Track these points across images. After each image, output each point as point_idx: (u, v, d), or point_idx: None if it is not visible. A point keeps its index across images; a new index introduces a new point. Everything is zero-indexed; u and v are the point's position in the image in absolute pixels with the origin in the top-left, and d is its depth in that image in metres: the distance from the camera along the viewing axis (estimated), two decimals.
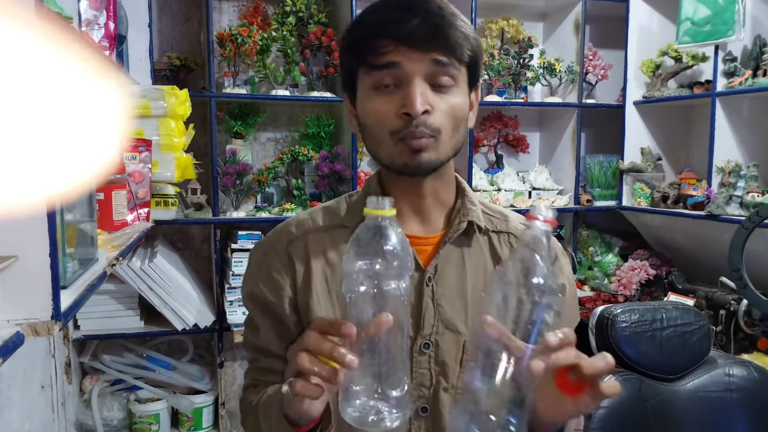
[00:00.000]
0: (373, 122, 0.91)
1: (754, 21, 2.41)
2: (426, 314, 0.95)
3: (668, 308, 1.44)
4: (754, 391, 1.39)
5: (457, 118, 0.91)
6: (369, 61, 0.89)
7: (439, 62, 0.88)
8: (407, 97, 0.87)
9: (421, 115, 0.87)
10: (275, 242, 1.02)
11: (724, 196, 2.38)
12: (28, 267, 0.76)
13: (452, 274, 0.97)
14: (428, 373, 0.95)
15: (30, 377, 1.58)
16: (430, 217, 1.00)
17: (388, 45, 0.87)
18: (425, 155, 0.90)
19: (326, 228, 1.00)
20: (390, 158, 0.92)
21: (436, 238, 0.99)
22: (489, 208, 1.05)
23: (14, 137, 0.44)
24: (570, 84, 2.90)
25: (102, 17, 1.53)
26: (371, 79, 0.90)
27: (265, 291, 1.00)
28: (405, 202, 0.98)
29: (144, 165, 1.91)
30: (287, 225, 1.04)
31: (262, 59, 2.47)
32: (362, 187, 1.06)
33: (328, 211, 1.03)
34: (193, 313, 2.28)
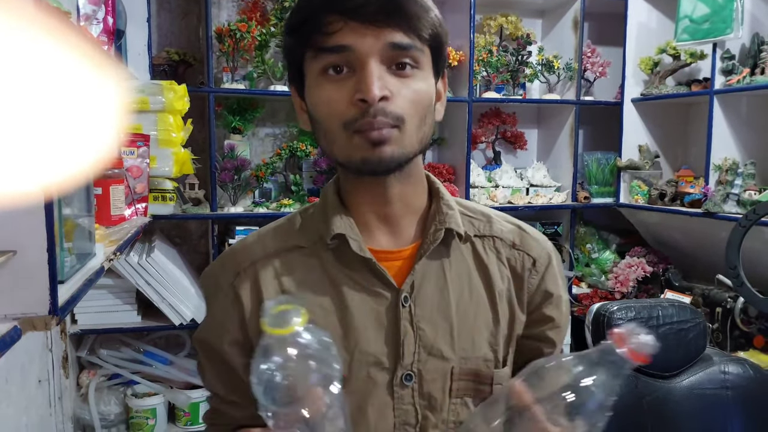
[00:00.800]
0: (324, 114, 0.79)
1: (753, 19, 2.41)
2: (405, 341, 0.83)
3: (664, 305, 1.44)
4: (749, 389, 1.40)
5: (423, 106, 0.79)
6: (315, 43, 0.77)
7: (398, 44, 0.75)
8: (362, 81, 0.74)
9: (379, 101, 0.74)
10: (219, 276, 0.90)
11: (721, 193, 2.39)
12: (26, 262, 0.76)
13: (432, 291, 0.85)
14: (413, 410, 0.84)
15: (27, 372, 1.58)
16: (400, 226, 0.87)
17: (337, 21, 0.75)
18: (387, 148, 0.76)
19: (278, 252, 0.88)
20: (346, 155, 0.79)
21: (409, 250, 0.87)
22: (468, 208, 0.93)
23: (11, 131, 0.44)
24: (568, 81, 2.90)
25: (101, 12, 1.53)
26: (319, 63, 0.77)
27: (208, 334, 0.90)
28: (369, 211, 0.86)
29: (142, 160, 1.91)
30: (233, 254, 0.91)
31: (261, 55, 2.47)
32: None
33: (280, 231, 0.91)
34: (190, 308, 2.28)
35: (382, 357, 0.83)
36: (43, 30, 0.48)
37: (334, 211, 0.86)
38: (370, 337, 0.83)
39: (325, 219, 0.86)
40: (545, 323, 0.92)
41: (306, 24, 0.77)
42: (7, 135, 0.46)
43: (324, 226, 0.86)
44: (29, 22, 0.47)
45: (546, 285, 0.91)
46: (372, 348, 0.83)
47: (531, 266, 0.91)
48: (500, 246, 0.90)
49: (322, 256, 0.86)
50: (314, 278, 0.85)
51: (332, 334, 0.81)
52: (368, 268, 0.84)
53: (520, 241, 0.92)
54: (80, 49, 0.52)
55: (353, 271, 0.84)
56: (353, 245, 0.83)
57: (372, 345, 0.83)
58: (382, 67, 0.76)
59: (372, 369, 0.83)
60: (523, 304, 0.90)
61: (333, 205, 0.87)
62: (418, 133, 0.79)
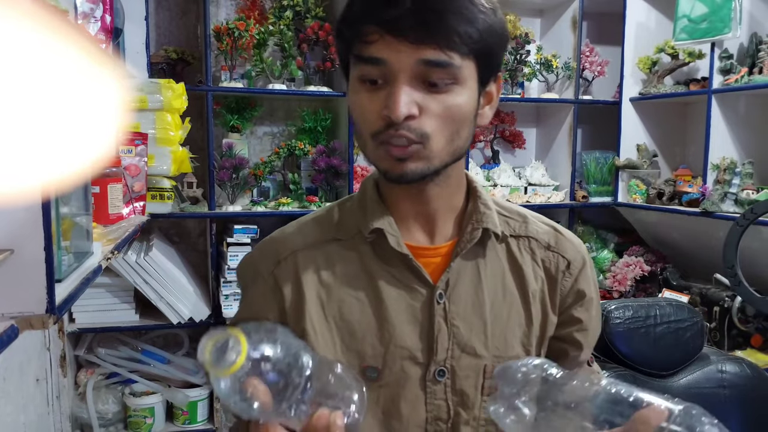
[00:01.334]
0: (357, 120, 0.81)
1: (751, 18, 2.42)
2: (439, 337, 0.84)
3: (662, 305, 1.44)
4: (746, 388, 1.40)
5: (455, 121, 0.77)
6: (355, 50, 0.78)
7: (432, 61, 0.73)
8: (390, 98, 0.74)
9: (405, 120, 0.74)
10: (259, 264, 0.90)
11: (719, 193, 2.39)
12: (23, 260, 0.76)
13: (467, 289, 0.86)
14: (445, 405, 0.85)
15: (25, 370, 1.58)
16: (438, 224, 0.88)
17: (374, 33, 0.74)
18: (411, 165, 0.77)
19: (318, 243, 0.89)
20: (374, 161, 0.81)
21: (446, 248, 0.88)
22: (505, 208, 0.93)
23: (8, 129, 0.44)
24: (567, 80, 2.90)
25: (98, 10, 1.52)
26: (358, 71, 0.78)
27: (246, 321, 0.87)
28: (407, 208, 0.87)
29: (140, 158, 1.91)
30: (273, 242, 0.92)
31: (259, 53, 2.47)
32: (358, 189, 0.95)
33: (319, 222, 0.92)
34: (188, 306, 2.28)
35: (417, 351, 0.84)
36: (40, 28, 0.48)
37: (373, 206, 0.87)
38: (404, 332, 0.84)
39: (364, 213, 0.88)
40: (573, 325, 0.92)
41: (348, 30, 0.78)
42: (5, 133, 0.46)
43: (363, 219, 0.87)
44: (26, 20, 0.47)
45: (578, 287, 0.92)
46: (406, 342, 0.84)
47: (565, 268, 0.91)
48: (535, 247, 0.91)
49: (360, 249, 0.87)
50: (352, 271, 0.87)
51: (367, 327, 0.85)
52: (405, 264, 0.85)
53: (555, 242, 0.92)
54: (78, 48, 0.52)
55: (390, 266, 0.86)
56: (391, 240, 0.84)
57: (407, 339, 0.84)
58: (415, 82, 0.75)
59: (406, 363, 0.84)
60: (555, 306, 0.91)
61: (372, 199, 0.88)
62: (448, 146, 0.79)
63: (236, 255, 2.37)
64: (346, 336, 0.85)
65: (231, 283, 2.38)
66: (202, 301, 2.34)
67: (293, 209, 2.47)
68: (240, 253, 2.37)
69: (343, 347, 0.85)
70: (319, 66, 2.52)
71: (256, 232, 2.40)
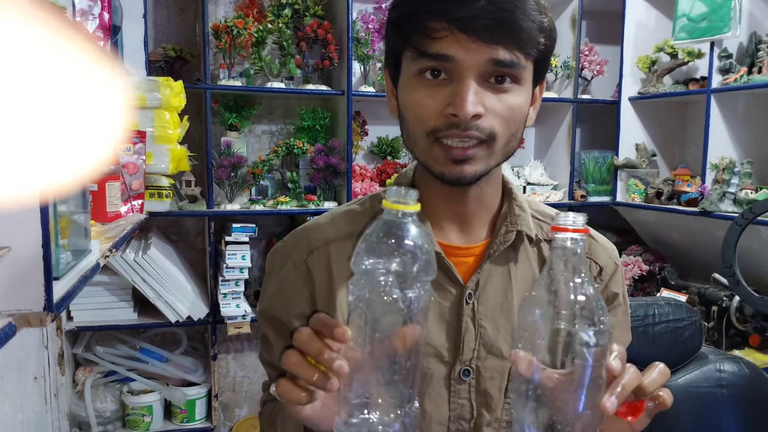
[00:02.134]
0: (412, 117, 0.78)
1: (750, 18, 2.42)
2: (466, 336, 0.84)
3: (660, 304, 1.44)
4: (744, 387, 1.40)
5: (516, 122, 0.77)
6: (417, 45, 0.74)
7: (502, 62, 0.73)
8: (457, 95, 0.73)
9: (471, 119, 0.73)
10: (293, 252, 0.90)
11: (717, 192, 2.39)
12: (21, 258, 0.76)
13: (496, 291, 0.85)
14: (468, 404, 0.84)
15: (23, 368, 1.58)
16: (473, 224, 0.87)
17: (443, 29, 0.72)
18: (470, 168, 0.76)
19: (350, 235, 0.88)
20: (426, 162, 0.79)
21: (479, 248, 0.87)
22: (539, 211, 0.93)
23: (7, 127, 0.43)
24: (566, 79, 2.90)
25: (96, 7, 1.52)
26: (417, 65, 0.76)
27: (277, 307, 0.90)
28: (444, 208, 0.86)
29: (138, 157, 1.91)
30: (306, 232, 0.91)
31: (258, 51, 2.46)
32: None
33: (352, 215, 0.91)
34: (186, 305, 2.28)
35: (443, 350, 0.84)
36: (37, 26, 0.48)
37: None
38: (432, 329, 0.84)
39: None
40: None
41: (410, 22, 0.75)
42: (2, 132, 0.45)
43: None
44: (24, 18, 0.46)
45: (608, 293, 0.92)
46: (433, 340, 0.84)
47: (597, 274, 0.91)
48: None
49: None
50: None
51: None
52: (437, 263, 0.84)
53: (588, 247, 0.91)
54: (76, 46, 0.52)
55: None
56: None
57: (434, 337, 0.84)
58: (481, 80, 0.74)
59: (431, 360, 0.84)
60: None
61: None
62: (505, 148, 0.79)
63: (234, 253, 2.36)
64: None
65: (229, 281, 2.38)
66: (201, 299, 2.34)
67: (291, 208, 2.47)
68: (238, 251, 2.37)
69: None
70: (318, 64, 2.52)
71: (255, 230, 2.40)
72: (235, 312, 2.35)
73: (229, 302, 2.38)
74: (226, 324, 2.36)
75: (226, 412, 2.74)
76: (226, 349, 2.72)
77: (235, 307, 2.37)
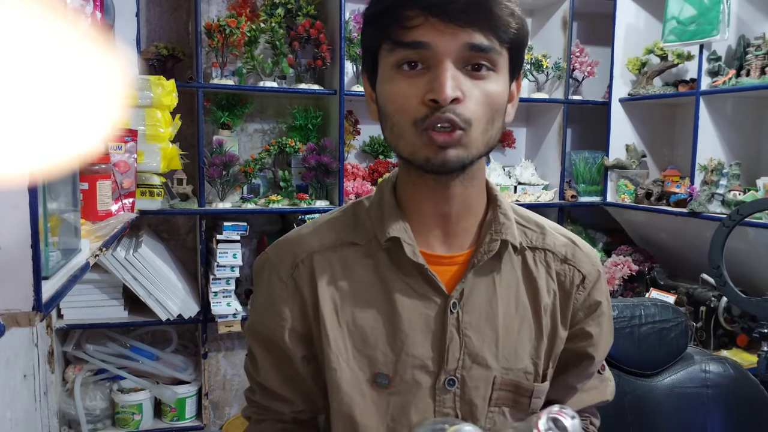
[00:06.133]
0: (395, 109, 0.78)
1: (739, 21, 2.44)
2: (450, 346, 0.84)
3: (647, 305, 1.46)
4: (729, 388, 1.42)
5: (494, 109, 0.78)
6: (393, 36, 0.76)
7: (477, 46, 0.74)
8: (435, 81, 0.74)
9: (450, 103, 0.74)
10: (279, 266, 0.89)
11: (706, 193, 2.41)
12: (10, 257, 0.76)
13: (481, 300, 0.85)
14: (453, 414, 0.85)
15: (12, 366, 1.58)
16: (457, 230, 0.87)
17: (417, 16, 0.74)
18: (452, 152, 0.76)
19: (335, 246, 0.88)
20: (411, 152, 0.79)
21: (463, 257, 0.87)
22: (523, 217, 0.93)
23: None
24: (557, 80, 2.91)
25: (88, 6, 1.52)
26: (394, 57, 0.77)
27: (266, 324, 0.90)
28: (427, 211, 0.86)
29: (129, 155, 1.91)
30: (290, 244, 0.90)
31: (251, 50, 2.46)
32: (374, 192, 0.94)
33: (335, 224, 0.91)
34: (177, 303, 2.28)
35: (428, 360, 0.84)
36: (31, 17, 0.48)
37: (390, 211, 0.86)
38: (417, 340, 0.84)
39: (381, 218, 0.87)
40: (584, 339, 0.93)
41: (385, 15, 0.76)
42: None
43: (380, 225, 0.86)
44: (18, 10, 0.47)
45: (591, 301, 0.93)
46: (418, 351, 0.84)
47: (580, 282, 0.92)
48: (551, 260, 0.91)
49: (377, 256, 0.86)
50: (367, 278, 0.86)
51: (380, 334, 0.85)
52: (420, 273, 0.85)
53: (572, 255, 0.92)
54: (69, 37, 0.52)
55: (405, 275, 0.85)
56: (407, 250, 0.83)
57: (418, 348, 0.84)
58: (458, 66, 0.75)
59: (417, 371, 0.84)
60: (567, 320, 0.91)
61: (389, 204, 0.87)
62: (484, 136, 0.78)
63: (225, 252, 2.37)
64: (358, 342, 0.85)
65: (220, 280, 2.38)
66: (191, 297, 2.34)
67: (283, 207, 2.48)
68: (229, 250, 2.37)
69: (355, 353, 0.85)
70: (310, 64, 2.52)
71: (246, 229, 2.40)
72: (225, 310, 2.36)
73: (220, 301, 2.38)
74: (217, 322, 2.36)
75: (216, 410, 2.74)
76: (216, 347, 2.72)
77: (226, 305, 2.38)
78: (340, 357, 0.84)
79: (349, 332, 0.85)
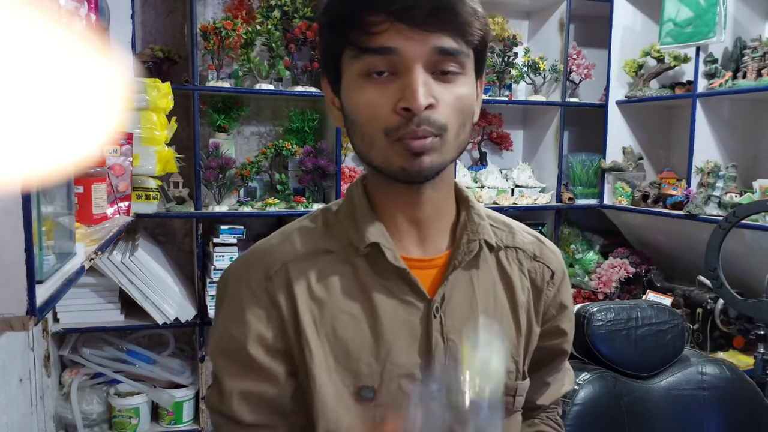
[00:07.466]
0: (365, 118, 0.75)
1: (735, 23, 2.44)
2: (436, 352, 0.81)
3: (643, 307, 1.46)
4: (725, 390, 1.42)
5: (464, 113, 0.76)
6: (357, 42, 0.72)
7: (446, 50, 0.72)
8: (407, 88, 0.71)
9: (424, 110, 0.72)
10: (249, 279, 0.83)
11: (702, 196, 2.41)
12: (3, 261, 0.76)
13: (462, 302, 0.84)
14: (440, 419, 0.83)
15: (8, 370, 1.57)
16: (430, 233, 0.85)
17: (382, 22, 0.71)
18: (427, 159, 0.74)
19: (309, 254, 0.84)
20: (384, 161, 0.76)
21: (441, 259, 0.85)
22: (491, 217, 0.92)
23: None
24: (554, 83, 2.92)
25: (83, 9, 1.52)
26: (360, 64, 0.74)
27: (238, 344, 0.82)
28: (400, 216, 0.84)
29: (125, 158, 1.90)
30: (257, 255, 0.85)
31: (247, 53, 2.46)
32: (344, 196, 0.90)
33: (306, 232, 0.87)
34: (174, 307, 2.27)
35: (414, 369, 0.82)
36: (28, 18, 0.48)
37: (365, 217, 0.83)
38: (401, 348, 0.81)
39: (355, 224, 0.84)
40: (559, 336, 0.95)
41: (347, 21, 0.73)
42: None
43: (354, 231, 0.83)
44: (11, 13, 0.46)
45: (561, 297, 0.94)
46: (404, 359, 0.81)
47: (549, 278, 0.92)
48: (522, 257, 0.91)
49: (355, 262, 0.83)
50: (345, 285, 0.83)
51: (362, 344, 0.81)
52: (401, 278, 0.82)
53: (540, 252, 0.93)
54: (65, 41, 0.52)
55: (386, 280, 0.82)
56: (388, 255, 0.81)
57: (404, 356, 0.81)
58: (427, 71, 0.73)
59: (403, 381, 0.81)
60: (539, 317, 0.92)
61: (362, 208, 0.84)
62: (457, 140, 0.77)
63: (222, 255, 2.36)
64: (340, 355, 0.81)
65: (217, 283, 2.37)
66: (188, 301, 2.33)
67: (280, 210, 2.47)
68: (226, 253, 2.37)
69: (337, 367, 0.81)
70: (307, 66, 2.52)
71: (243, 232, 2.40)
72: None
73: None
74: None
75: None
76: None
77: None
78: (321, 372, 0.81)
79: (329, 345, 0.81)
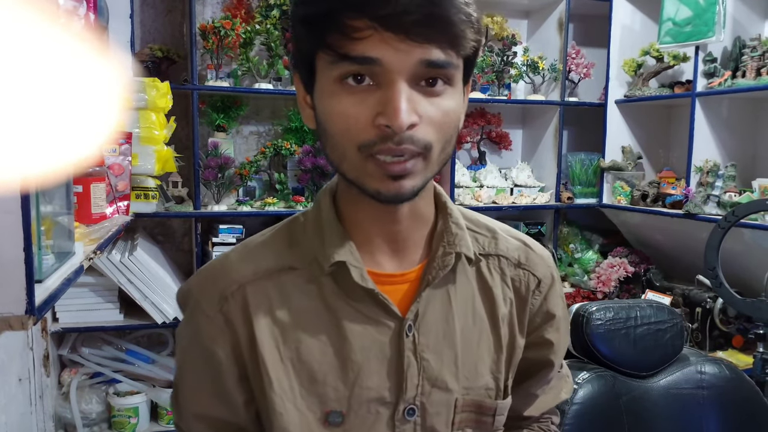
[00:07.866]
0: (338, 130, 0.67)
1: (735, 23, 2.44)
2: (408, 372, 0.76)
3: (642, 306, 1.46)
4: (724, 389, 1.42)
5: (451, 128, 0.69)
6: (336, 46, 0.64)
7: (434, 63, 0.64)
8: (388, 104, 0.64)
9: (406, 129, 0.64)
10: (202, 301, 0.78)
11: (702, 195, 2.41)
12: (2, 261, 0.75)
13: (437, 318, 0.78)
14: None
15: (7, 370, 1.57)
16: (407, 245, 0.78)
17: (366, 28, 0.62)
18: (408, 183, 0.67)
19: (270, 273, 0.77)
20: (357, 178, 0.69)
21: (414, 272, 0.79)
22: (473, 221, 0.85)
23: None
24: (553, 82, 2.92)
25: (82, 8, 1.51)
26: (337, 70, 0.65)
27: (195, 361, 0.79)
28: (374, 228, 0.77)
29: (124, 158, 1.90)
30: (214, 274, 0.79)
31: (246, 52, 2.46)
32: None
33: (269, 247, 0.80)
34: (173, 306, 2.27)
35: (384, 391, 0.77)
36: (25, 18, 0.48)
37: (332, 231, 0.77)
38: (371, 370, 0.76)
39: (321, 238, 0.77)
40: (544, 347, 0.88)
41: (325, 20, 0.64)
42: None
43: (320, 247, 0.77)
44: (10, 12, 0.46)
45: (548, 306, 0.87)
46: (373, 381, 0.76)
47: (535, 287, 0.86)
48: (505, 266, 0.84)
49: (320, 281, 0.77)
50: (310, 306, 0.77)
51: (329, 368, 0.76)
52: (370, 297, 0.76)
53: (526, 259, 0.86)
54: (64, 40, 0.52)
55: (353, 299, 0.76)
56: (354, 274, 0.74)
57: (373, 378, 0.76)
58: (411, 84, 0.65)
59: (373, 404, 0.77)
60: (524, 327, 0.86)
61: (330, 221, 0.77)
62: (441, 156, 0.69)
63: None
64: (305, 380, 0.76)
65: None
66: None
67: (279, 209, 2.47)
68: None
69: (302, 392, 0.76)
70: None
71: (242, 231, 2.40)
72: None
73: None
74: None
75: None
76: None
77: None
78: (285, 399, 0.75)
79: (294, 369, 0.75)
